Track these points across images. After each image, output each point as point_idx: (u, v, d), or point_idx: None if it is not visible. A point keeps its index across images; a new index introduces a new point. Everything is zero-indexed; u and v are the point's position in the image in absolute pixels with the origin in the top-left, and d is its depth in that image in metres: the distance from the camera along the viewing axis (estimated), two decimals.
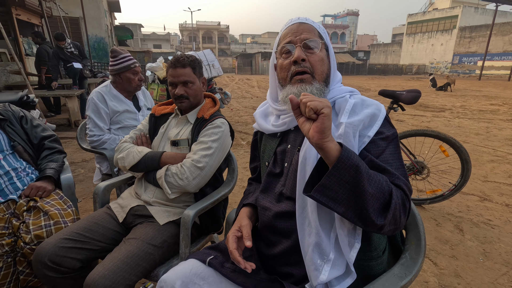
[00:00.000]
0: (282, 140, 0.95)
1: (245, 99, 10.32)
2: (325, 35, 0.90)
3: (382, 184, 0.69)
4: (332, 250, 0.78)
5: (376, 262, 0.82)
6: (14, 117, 1.49)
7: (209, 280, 0.87)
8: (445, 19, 35.18)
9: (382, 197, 0.68)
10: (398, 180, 0.74)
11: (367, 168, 0.68)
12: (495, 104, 9.25)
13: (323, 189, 0.67)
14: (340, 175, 0.65)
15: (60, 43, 5.61)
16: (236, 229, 0.89)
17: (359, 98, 0.86)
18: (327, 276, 0.76)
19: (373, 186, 0.67)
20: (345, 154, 0.65)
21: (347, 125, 0.78)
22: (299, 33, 0.86)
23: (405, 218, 0.73)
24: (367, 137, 0.79)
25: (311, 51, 0.85)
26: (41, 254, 1.03)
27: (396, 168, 0.78)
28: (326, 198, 0.68)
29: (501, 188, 3.00)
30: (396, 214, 0.70)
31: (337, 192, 0.67)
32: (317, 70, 0.85)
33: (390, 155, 0.79)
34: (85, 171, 3.43)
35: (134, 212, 1.27)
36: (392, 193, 0.70)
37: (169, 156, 1.29)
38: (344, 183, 0.66)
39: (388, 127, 0.83)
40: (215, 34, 54.29)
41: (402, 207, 0.71)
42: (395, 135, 0.82)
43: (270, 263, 0.91)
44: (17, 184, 1.37)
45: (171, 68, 1.31)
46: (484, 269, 1.81)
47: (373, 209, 0.67)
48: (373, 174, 0.69)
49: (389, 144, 0.80)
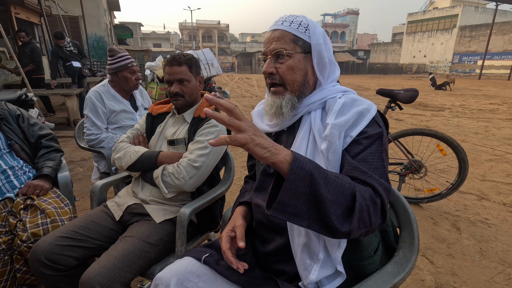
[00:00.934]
0: (275, 140, 0.95)
1: (244, 98, 10.32)
2: (306, 34, 0.83)
3: (344, 186, 0.65)
4: (321, 250, 0.78)
5: (367, 262, 0.82)
6: (10, 115, 1.49)
7: (204, 277, 0.87)
8: (445, 18, 35.15)
9: (344, 201, 0.64)
10: (370, 179, 0.70)
11: (324, 173, 0.65)
12: (494, 104, 9.25)
13: (281, 206, 0.64)
14: (294, 187, 0.62)
15: (59, 42, 5.60)
16: (230, 229, 0.90)
17: (350, 98, 0.84)
18: (316, 275, 0.77)
19: (333, 191, 0.63)
20: (295, 164, 0.62)
21: (332, 126, 0.77)
22: (270, 43, 0.84)
23: (380, 218, 0.69)
24: (350, 137, 0.77)
25: (280, 61, 0.83)
26: (37, 252, 1.03)
27: (374, 167, 0.74)
28: (286, 215, 0.64)
29: (498, 187, 3.01)
30: (364, 217, 0.65)
31: (296, 206, 0.64)
32: (286, 80, 0.84)
33: (370, 154, 0.75)
34: (83, 170, 3.44)
35: (130, 211, 1.27)
36: (355, 195, 0.65)
37: (165, 156, 1.30)
38: (301, 195, 0.63)
39: (375, 126, 0.79)
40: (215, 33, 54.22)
41: (373, 207, 0.66)
42: (380, 135, 0.78)
43: (265, 261, 0.92)
44: (14, 182, 1.37)
45: (167, 66, 1.32)
46: (480, 268, 1.81)
47: (335, 216, 0.63)
48: (333, 177, 0.65)
49: (372, 143, 0.77)
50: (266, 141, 0.64)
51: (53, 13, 9.40)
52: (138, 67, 2.02)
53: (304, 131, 0.85)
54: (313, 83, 0.89)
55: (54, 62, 5.80)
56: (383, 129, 0.79)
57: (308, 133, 0.84)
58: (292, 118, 0.89)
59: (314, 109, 0.86)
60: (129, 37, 19.69)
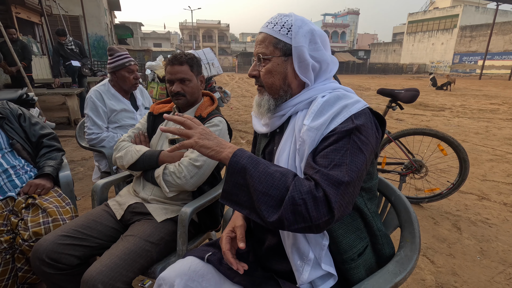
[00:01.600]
0: (270, 140, 0.94)
1: (245, 98, 10.32)
2: (287, 37, 0.80)
3: (279, 180, 0.68)
4: (311, 251, 0.78)
5: (350, 265, 0.79)
6: (12, 115, 1.49)
7: (208, 277, 0.88)
8: (445, 18, 35.10)
9: (275, 193, 0.67)
10: (316, 174, 0.68)
11: (263, 168, 0.70)
12: (495, 104, 9.25)
13: (226, 194, 0.73)
14: (234, 179, 0.71)
15: (61, 39, 5.63)
16: (230, 229, 0.90)
17: (334, 96, 0.78)
18: (307, 276, 0.77)
19: (265, 184, 0.68)
20: (233, 159, 0.71)
21: (308, 129, 0.75)
22: (255, 46, 0.86)
23: (325, 214, 0.64)
24: (321, 135, 0.75)
25: (262, 64, 0.85)
26: (39, 250, 1.03)
27: (333, 163, 0.68)
28: (230, 202, 0.74)
29: (499, 187, 3.01)
30: (300, 210, 0.64)
31: (238, 195, 0.72)
32: (265, 83, 0.86)
33: (332, 151, 0.71)
34: (84, 169, 3.44)
35: (132, 210, 1.28)
36: (289, 187, 0.66)
37: (167, 155, 1.30)
38: (240, 186, 0.71)
39: (348, 123, 0.73)
40: (215, 33, 54.19)
41: (312, 201, 0.64)
42: (349, 131, 0.71)
43: (264, 261, 0.92)
44: (16, 181, 1.37)
45: (169, 65, 1.32)
46: (481, 268, 1.81)
47: (265, 206, 0.67)
48: (270, 172, 0.69)
49: (338, 140, 0.72)
50: (210, 142, 0.75)
51: (53, 12, 9.40)
52: (137, 66, 2.01)
53: (288, 132, 0.84)
54: (298, 84, 0.85)
55: (56, 60, 5.78)
56: (357, 125, 0.72)
57: (292, 134, 0.83)
58: (280, 119, 0.88)
59: (301, 109, 0.83)
60: (130, 37, 19.68)
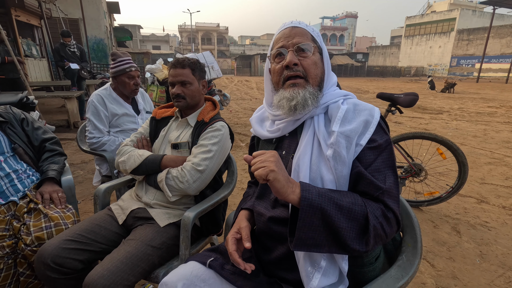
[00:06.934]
0: (277, 146, 0.94)
1: (244, 101, 10.34)
2: (319, 38, 0.88)
3: (355, 211, 0.71)
4: (323, 258, 0.79)
5: (368, 269, 0.83)
6: (15, 119, 1.50)
7: (210, 282, 0.88)
8: (443, 22, 35.37)
9: (356, 225, 0.70)
10: (382, 195, 0.75)
11: (335, 202, 0.70)
12: (492, 107, 9.30)
13: (300, 241, 0.71)
14: (308, 223, 0.69)
15: (66, 40, 5.78)
16: (235, 231, 0.90)
17: (352, 103, 0.84)
18: (317, 283, 0.77)
19: (345, 218, 0.69)
20: (305, 202, 0.69)
21: (339, 135, 0.78)
22: (291, 37, 0.85)
23: (393, 228, 0.74)
24: (359, 145, 0.78)
25: (304, 55, 0.84)
26: (43, 255, 1.03)
27: (384, 176, 0.77)
28: (307, 247, 0.72)
29: (498, 190, 3.03)
30: (380, 233, 0.72)
31: (314, 238, 0.70)
32: (310, 73, 0.84)
33: (382, 163, 0.78)
34: (84, 172, 3.44)
35: (134, 215, 1.28)
36: (368, 216, 0.70)
37: (169, 159, 1.31)
38: (316, 227, 0.70)
39: (381, 133, 0.81)
40: (214, 36, 54.36)
41: (386, 222, 0.72)
42: (388, 142, 0.81)
43: (268, 267, 0.92)
44: (18, 186, 1.38)
45: (171, 68, 1.35)
46: (481, 271, 1.82)
47: (351, 240, 0.69)
48: (343, 204, 0.70)
49: (382, 152, 0.79)
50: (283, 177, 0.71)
51: (53, 15, 9.41)
52: (138, 72, 2.01)
53: (308, 136, 0.84)
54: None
55: (57, 59, 5.87)
56: (389, 135, 0.82)
57: (312, 139, 0.84)
58: (294, 123, 0.88)
59: (317, 114, 0.86)
60: (129, 40, 19.71)
